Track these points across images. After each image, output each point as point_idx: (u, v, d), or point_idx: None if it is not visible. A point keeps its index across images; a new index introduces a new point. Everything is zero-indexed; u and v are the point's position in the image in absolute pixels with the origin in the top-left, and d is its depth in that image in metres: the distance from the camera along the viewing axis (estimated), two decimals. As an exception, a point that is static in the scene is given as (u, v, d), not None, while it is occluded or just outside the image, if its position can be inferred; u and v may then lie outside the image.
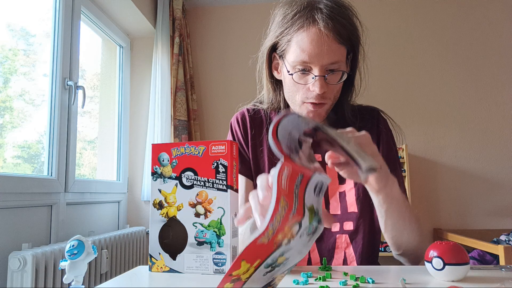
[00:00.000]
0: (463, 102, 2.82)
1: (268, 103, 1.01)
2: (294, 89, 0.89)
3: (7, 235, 1.46)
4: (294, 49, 0.85)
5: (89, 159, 2.40)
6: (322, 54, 0.83)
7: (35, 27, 1.84)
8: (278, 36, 0.89)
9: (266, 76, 0.97)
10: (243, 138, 1.01)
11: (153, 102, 2.56)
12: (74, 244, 0.66)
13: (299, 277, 0.66)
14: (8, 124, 1.72)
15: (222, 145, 0.69)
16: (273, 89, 0.99)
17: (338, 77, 0.87)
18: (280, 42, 0.89)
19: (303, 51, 0.84)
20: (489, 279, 0.64)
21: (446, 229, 2.66)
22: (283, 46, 0.89)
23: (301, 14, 0.85)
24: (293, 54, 0.86)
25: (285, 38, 0.88)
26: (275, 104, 1.00)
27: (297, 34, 0.85)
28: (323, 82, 0.84)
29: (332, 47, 0.83)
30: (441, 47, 2.87)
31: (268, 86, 0.98)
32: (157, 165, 0.73)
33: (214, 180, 0.69)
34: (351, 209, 0.93)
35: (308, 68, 0.85)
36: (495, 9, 2.86)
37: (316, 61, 0.83)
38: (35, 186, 1.61)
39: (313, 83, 0.85)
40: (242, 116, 1.03)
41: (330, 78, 0.86)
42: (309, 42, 0.83)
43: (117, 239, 2.03)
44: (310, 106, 0.88)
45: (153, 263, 0.72)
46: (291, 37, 0.86)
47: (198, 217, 0.70)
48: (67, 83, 1.87)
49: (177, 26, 2.66)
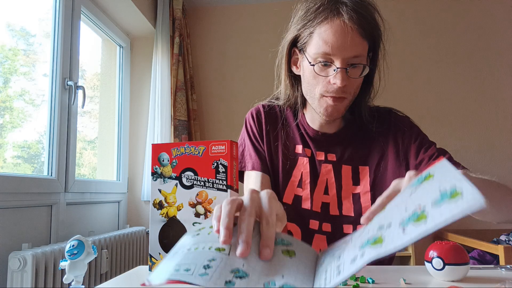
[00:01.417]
0: (463, 102, 2.81)
1: (284, 98, 1.01)
2: (314, 82, 0.88)
3: (7, 235, 1.46)
4: (317, 41, 0.85)
5: (89, 159, 2.40)
6: (345, 46, 0.82)
7: (35, 27, 1.84)
8: (300, 29, 0.88)
9: (285, 70, 0.96)
10: (258, 134, 1.01)
11: (153, 102, 2.56)
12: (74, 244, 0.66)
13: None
14: (8, 124, 1.72)
15: (222, 145, 0.69)
16: (291, 85, 0.98)
17: (360, 71, 0.86)
18: (302, 35, 0.89)
19: (325, 43, 0.83)
20: (489, 279, 0.64)
21: (446, 229, 2.66)
22: (305, 39, 0.88)
23: (325, 7, 0.84)
24: (315, 46, 0.85)
25: (307, 30, 0.87)
26: (292, 100, 1.00)
27: (320, 26, 0.84)
28: (344, 74, 0.83)
29: (356, 40, 0.82)
30: (441, 46, 2.87)
31: (286, 81, 0.98)
32: (157, 165, 0.73)
33: (214, 180, 0.69)
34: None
35: (330, 60, 0.84)
36: (496, 8, 2.85)
37: (338, 53, 0.82)
38: (35, 186, 1.61)
39: (334, 75, 0.84)
40: (257, 112, 1.03)
41: (351, 71, 0.85)
42: (332, 34, 0.82)
43: (117, 239, 2.03)
44: (330, 100, 0.87)
45: (153, 263, 0.72)
46: (313, 29, 0.85)
47: (198, 217, 0.70)
48: (67, 83, 1.87)
49: (177, 26, 2.66)
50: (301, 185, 0.96)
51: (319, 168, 0.96)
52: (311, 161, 0.97)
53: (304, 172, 0.96)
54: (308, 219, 0.95)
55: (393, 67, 3.22)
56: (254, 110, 1.05)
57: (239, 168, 1.01)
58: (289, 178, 0.97)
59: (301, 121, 1.00)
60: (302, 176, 0.96)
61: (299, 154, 0.98)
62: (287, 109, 1.03)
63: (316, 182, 0.95)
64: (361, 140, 0.98)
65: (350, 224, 0.93)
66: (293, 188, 0.96)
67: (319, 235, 0.94)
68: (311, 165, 0.96)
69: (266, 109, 1.04)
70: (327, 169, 0.95)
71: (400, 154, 0.96)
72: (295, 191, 0.96)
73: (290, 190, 0.96)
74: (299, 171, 0.96)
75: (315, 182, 0.95)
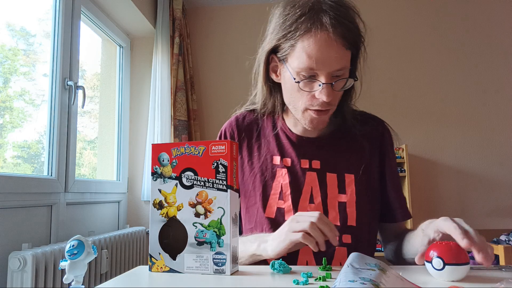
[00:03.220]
0: (463, 102, 2.81)
1: (261, 106, 0.97)
2: (298, 95, 0.85)
3: (7, 235, 1.46)
4: (299, 54, 0.81)
5: (89, 159, 2.40)
6: (330, 60, 0.79)
7: (35, 27, 1.84)
8: (280, 39, 0.84)
9: (263, 78, 0.93)
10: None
11: (153, 102, 2.56)
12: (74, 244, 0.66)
13: (299, 277, 0.66)
14: (8, 124, 1.72)
15: (222, 145, 0.69)
16: (269, 92, 0.94)
17: (343, 83, 0.84)
18: (283, 46, 0.85)
19: (310, 57, 0.79)
20: (489, 279, 0.64)
21: (446, 229, 2.66)
22: (286, 50, 0.84)
23: (306, 17, 0.80)
24: (298, 60, 0.82)
25: (288, 42, 0.83)
26: (270, 107, 0.96)
27: (302, 39, 0.80)
28: (330, 90, 0.81)
29: (340, 53, 0.79)
30: (442, 46, 2.87)
31: (264, 89, 0.94)
32: (157, 165, 0.73)
33: (214, 180, 0.69)
34: (351, 223, 0.90)
35: (314, 74, 0.81)
36: (496, 8, 2.85)
37: (323, 67, 0.80)
38: (35, 186, 1.61)
39: (320, 91, 0.81)
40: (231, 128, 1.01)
41: (336, 85, 0.82)
42: (317, 49, 0.79)
43: (117, 239, 2.03)
44: (315, 113, 0.85)
45: (153, 263, 0.72)
46: (295, 42, 0.81)
47: (198, 217, 0.70)
48: (67, 83, 1.87)
49: (177, 26, 2.66)
50: (282, 197, 0.92)
51: (304, 176, 0.93)
52: (290, 171, 0.93)
53: (283, 183, 0.93)
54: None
55: (393, 67, 3.21)
56: (228, 127, 1.02)
57: None
58: (269, 192, 0.94)
59: (283, 128, 0.98)
60: (282, 188, 0.93)
61: (277, 166, 0.95)
62: (266, 117, 1.00)
63: (301, 191, 0.92)
64: (347, 144, 0.96)
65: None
66: (274, 201, 0.93)
67: (305, 247, 0.87)
68: (290, 175, 0.93)
69: (240, 121, 1.01)
70: (311, 177, 0.92)
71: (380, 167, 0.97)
72: (277, 204, 0.92)
73: (272, 203, 0.93)
74: (279, 183, 0.93)
75: (299, 191, 0.92)
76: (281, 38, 0.84)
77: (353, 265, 0.56)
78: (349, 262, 0.58)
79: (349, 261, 0.59)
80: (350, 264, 0.57)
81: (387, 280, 0.53)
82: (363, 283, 0.48)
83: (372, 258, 0.60)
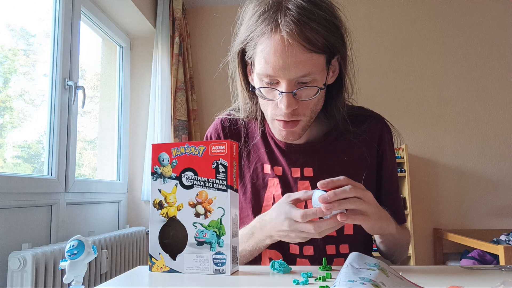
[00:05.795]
0: (463, 102, 2.82)
1: (245, 112, 0.89)
2: (264, 103, 0.78)
3: (7, 235, 1.46)
4: (259, 58, 0.73)
5: (89, 159, 2.40)
6: (287, 67, 0.70)
7: (35, 27, 1.84)
8: (245, 39, 0.77)
9: (240, 82, 0.85)
10: None
11: (153, 102, 2.56)
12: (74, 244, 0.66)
13: (299, 277, 0.66)
14: (8, 124, 1.72)
15: (222, 145, 0.69)
16: (250, 97, 0.86)
17: (313, 92, 0.74)
18: (247, 47, 0.77)
19: (267, 63, 0.71)
20: (489, 279, 0.64)
21: (446, 229, 2.66)
22: (251, 52, 0.76)
23: (265, 17, 0.72)
24: (258, 65, 0.74)
25: (250, 43, 0.75)
26: (253, 114, 0.88)
27: (261, 41, 0.72)
28: (291, 99, 0.73)
29: (300, 58, 0.70)
30: (441, 46, 2.87)
31: (244, 94, 0.86)
32: (157, 165, 0.73)
33: (214, 180, 0.69)
34: (348, 232, 0.85)
35: (276, 81, 0.74)
36: (495, 8, 2.86)
37: (281, 74, 0.71)
38: (35, 186, 1.61)
39: (280, 100, 0.73)
40: (215, 133, 0.94)
41: (301, 93, 0.74)
42: (272, 53, 0.70)
43: (117, 239, 2.03)
44: (281, 124, 0.78)
45: (153, 263, 0.72)
46: (256, 43, 0.74)
47: (198, 217, 0.70)
48: (67, 83, 1.87)
49: (177, 26, 2.66)
50: None
51: (296, 186, 0.86)
52: (282, 181, 0.87)
53: (276, 194, 0.86)
54: (287, 244, 0.85)
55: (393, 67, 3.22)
56: (213, 131, 0.94)
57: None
58: (262, 203, 0.87)
59: (271, 134, 0.89)
60: (275, 199, 0.86)
61: (268, 175, 0.88)
62: (252, 123, 0.92)
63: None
64: (342, 147, 0.88)
65: (333, 244, 0.85)
66: None
67: (301, 259, 0.85)
68: (283, 185, 0.86)
69: (226, 126, 0.92)
70: (304, 187, 0.85)
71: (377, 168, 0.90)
72: None
73: None
74: (271, 194, 0.87)
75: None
76: (245, 39, 0.77)
77: (352, 265, 0.56)
78: (348, 262, 0.59)
79: (348, 261, 0.59)
80: (350, 264, 0.57)
81: (387, 280, 0.53)
82: (363, 283, 0.48)
83: (371, 258, 0.60)
